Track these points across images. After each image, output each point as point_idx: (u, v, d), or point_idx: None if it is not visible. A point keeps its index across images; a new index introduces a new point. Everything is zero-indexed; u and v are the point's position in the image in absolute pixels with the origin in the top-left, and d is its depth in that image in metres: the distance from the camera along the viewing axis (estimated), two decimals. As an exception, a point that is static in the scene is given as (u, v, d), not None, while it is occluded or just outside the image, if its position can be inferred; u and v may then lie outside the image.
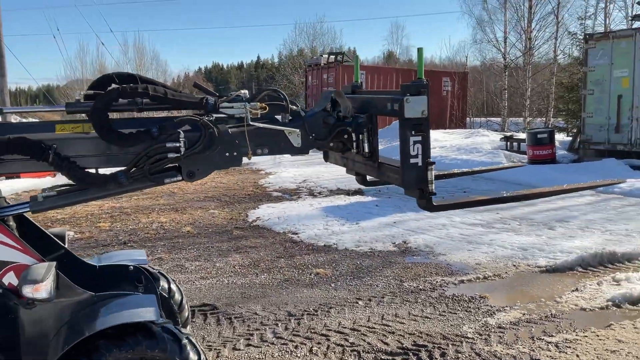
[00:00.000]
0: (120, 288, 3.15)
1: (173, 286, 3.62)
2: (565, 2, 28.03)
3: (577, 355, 3.88)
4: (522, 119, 29.17)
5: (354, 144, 2.99)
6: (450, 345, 4.04)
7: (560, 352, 3.94)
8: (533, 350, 3.95)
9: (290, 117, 3.03)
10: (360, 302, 4.98)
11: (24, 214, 2.99)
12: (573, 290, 5.16)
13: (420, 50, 2.77)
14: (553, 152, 14.10)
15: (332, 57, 24.56)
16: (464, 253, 6.48)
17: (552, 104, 27.35)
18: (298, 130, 2.96)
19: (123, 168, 2.76)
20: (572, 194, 9.89)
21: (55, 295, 2.60)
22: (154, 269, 3.61)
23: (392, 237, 7.24)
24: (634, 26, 15.72)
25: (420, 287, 5.39)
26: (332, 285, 5.50)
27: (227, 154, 2.87)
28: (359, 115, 3.00)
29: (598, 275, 5.59)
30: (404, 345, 4.06)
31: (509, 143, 16.51)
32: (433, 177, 2.75)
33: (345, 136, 3.02)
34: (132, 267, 3.38)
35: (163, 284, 3.57)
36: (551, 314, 4.62)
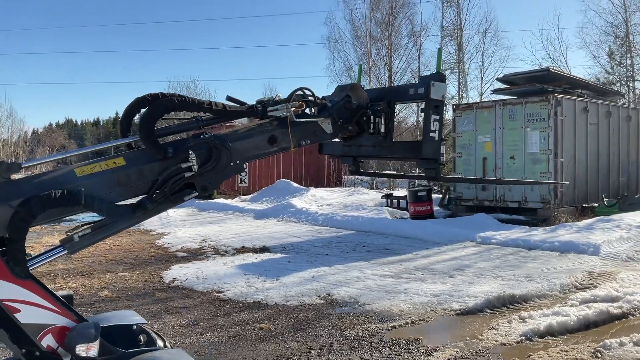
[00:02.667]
0: (129, 347, 3.26)
1: (168, 344, 3.75)
2: (423, 72, 31.34)
3: (514, 382, 4.57)
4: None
5: (371, 125, 3.58)
6: (409, 383, 4.53)
7: (499, 380, 4.60)
8: (478, 381, 4.58)
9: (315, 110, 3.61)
10: (313, 352, 5.33)
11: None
12: (490, 329, 5.96)
13: (439, 50, 3.63)
14: (431, 208, 15.56)
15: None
16: (385, 302, 7.09)
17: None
18: (329, 120, 3.52)
19: (144, 196, 3.02)
20: (459, 245, 11.11)
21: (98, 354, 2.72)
22: (151, 329, 3.72)
23: (315, 291, 7.67)
24: (492, 99, 18.13)
25: (360, 334, 5.86)
26: (280, 337, 5.78)
27: (232, 164, 3.22)
28: (376, 102, 3.64)
29: (505, 315, 6.47)
30: (369, 386, 4.48)
31: (389, 200, 17.87)
32: (444, 151, 3.49)
33: (364, 118, 3.60)
34: (135, 326, 3.49)
35: (160, 342, 3.69)
36: (479, 350, 5.33)
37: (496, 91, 16.92)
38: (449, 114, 27.69)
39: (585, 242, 10.36)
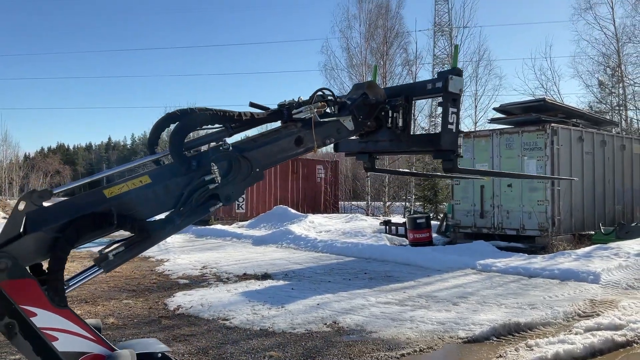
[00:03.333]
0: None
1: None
2: (415, 101, 31.77)
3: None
4: (382, 203, 31.68)
5: (389, 120, 3.75)
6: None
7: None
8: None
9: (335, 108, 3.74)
10: (325, 380, 5.37)
11: None
12: (498, 357, 6.01)
13: (456, 47, 4.34)
14: (430, 235, 15.68)
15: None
16: (392, 330, 7.14)
17: (413, 191, 30.13)
18: (350, 117, 3.67)
19: (172, 210, 3.12)
20: (459, 272, 11.19)
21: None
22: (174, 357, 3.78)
23: (322, 319, 7.71)
24: (489, 127, 18.43)
25: (370, 362, 5.91)
26: (291, 366, 5.82)
27: (252, 173, 3.35)
28: (393, 98, 3.81)
29: (511, 343, 6.54)
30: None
31: (388, 227, 17.97)
32: (462, 142, 3.65)
33: (382, 114, 3.76)
34: (160, 354, 3.54)
35: (182, 370, 3.75)
36: (490, 378, 5.40)
37: (493, 120, 17.21)
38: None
39: (585, 270, 10.48)
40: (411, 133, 3.92)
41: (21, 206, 2.88)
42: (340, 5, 29.71)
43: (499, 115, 16.94)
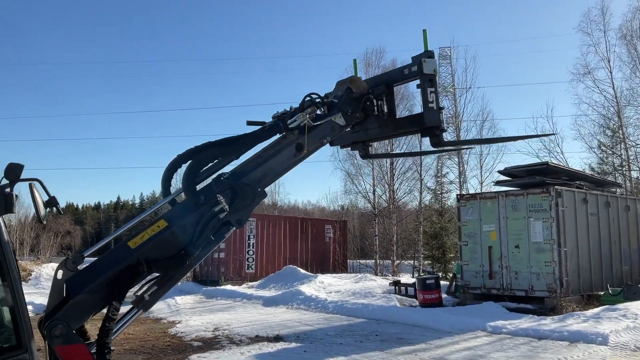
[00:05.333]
0: None
1: None
2: (422, 161, 32.33)
3: None
4: (390, 261, 31.69)
5: (375, 108, 4.12)
6: None
7: None
8: None
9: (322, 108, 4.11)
10: None
11: None
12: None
13: (424, 32, 4.22)
14: (439, 296, 15.80)
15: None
16: (405, 393, 7.31)
17: (421, 250, 30.22)
18: (340, 113, 4.04)
19: (188, 244, 3.50)
20: (470, 334, 11.32)
21: None
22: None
23: (336, 382, 7.90)
24: (494, 189, 18.84)
25: None
26: None
27: (256, 194, 3.73)
28: (375, 88, 4.15)
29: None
30: None
31: (397, 287, 18.09)
32: (444, 118, 4.02)
33: (368, 103, 4.14)
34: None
35: None
36: None
37: (498, 183, 17.64)
38: (450, 201, 28.66)
39: (593, 331, 10.60)
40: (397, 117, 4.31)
41: (59, 275, 3.29)
42: (345, 68, 31.08)
43: (504, 177, 17.38)
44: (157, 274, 3.50)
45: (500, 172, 17.46)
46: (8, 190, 3.17)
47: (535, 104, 55.21)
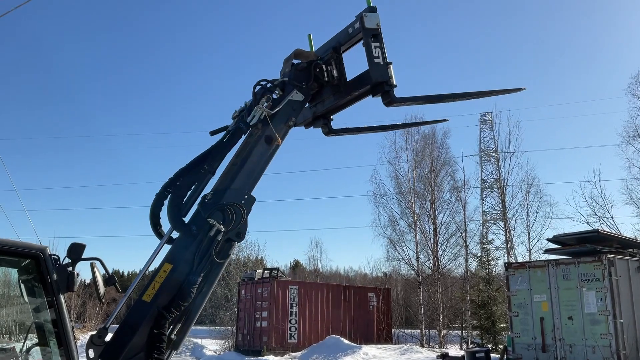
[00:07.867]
0: None
1: None
2: (467, 226, 31.81)
3: None
4: (436, 331, 30.63)
5: (325, 74, 4.03)
6: None
7: None
8: None
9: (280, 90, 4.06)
10: None
11: None
12: None
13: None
14: (490, 370, 15.13)
15: (267, 272, 25.53)
16: None
17: (469, 320, 29.22)
18: (295, 89, 3.98)
19: (190, 273, 3.55)
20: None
21: None
22: None
23: None
24: (543, 257, 18.35)
25: None
26: None
27: (243, 202, 3.72)
28: (323, 54, 4.10)
29: None
30: None
31: (445, 361, 17.43)
32: (393, 73, 3.80)
33: (317, 70, 4.05)
34: None
35: None
36: None
37: (547, 251, 17.15)
38: (498, 268, 27.55)
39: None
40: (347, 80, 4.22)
41: (91, 354, 3.41)
42: (387, 138, 31.40)
43: (553, 245, 16.90)
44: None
45: (549, 239, 17.03)
46: (70, 269, 3.36)
47: (583, 168, 54.11)
